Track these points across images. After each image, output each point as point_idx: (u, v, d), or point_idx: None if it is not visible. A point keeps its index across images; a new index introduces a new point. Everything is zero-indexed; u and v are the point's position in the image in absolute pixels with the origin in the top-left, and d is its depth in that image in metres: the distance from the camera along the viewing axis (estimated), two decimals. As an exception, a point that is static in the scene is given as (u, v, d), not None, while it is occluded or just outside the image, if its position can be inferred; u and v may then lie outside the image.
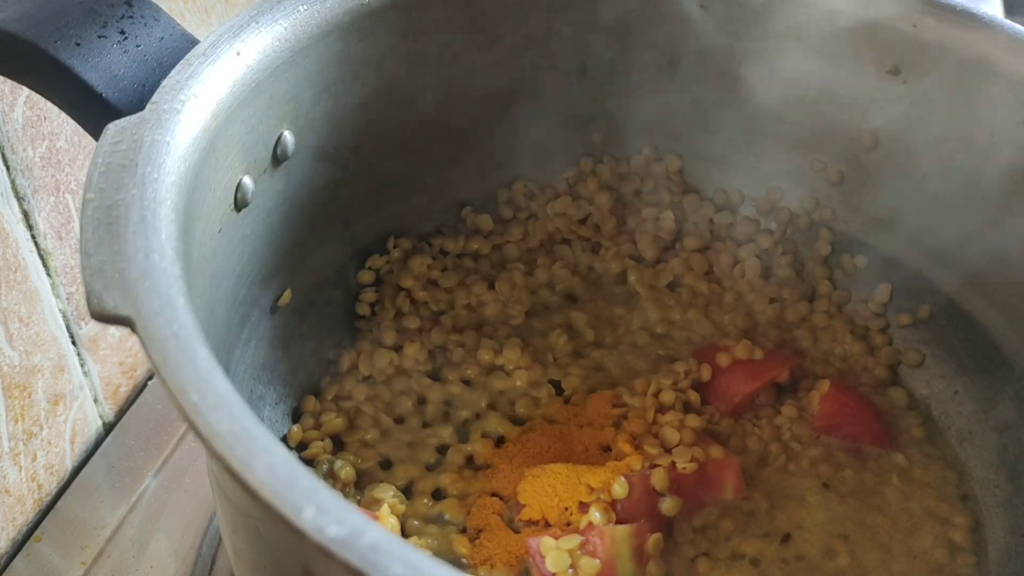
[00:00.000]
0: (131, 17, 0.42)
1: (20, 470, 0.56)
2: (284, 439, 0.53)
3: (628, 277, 0.62)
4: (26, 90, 0.50)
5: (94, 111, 0.40)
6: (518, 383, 0.56)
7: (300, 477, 0.27)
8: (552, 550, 0.46)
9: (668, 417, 0.53)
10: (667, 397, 0.54)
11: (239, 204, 0.44)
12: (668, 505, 0.50)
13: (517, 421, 0.55)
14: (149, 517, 0.58)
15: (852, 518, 0.52)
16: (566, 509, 0.49)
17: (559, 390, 0.56)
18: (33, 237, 0.54)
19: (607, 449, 0.53)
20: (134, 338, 0.31)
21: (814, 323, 0.60)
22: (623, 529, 0.47)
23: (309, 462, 0.52)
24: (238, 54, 0.42)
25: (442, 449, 0.54)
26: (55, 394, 0.57)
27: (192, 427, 0.29)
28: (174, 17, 0.44)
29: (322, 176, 0.51)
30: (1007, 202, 0.51)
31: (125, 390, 0.64)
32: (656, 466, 0.50)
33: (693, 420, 0.53)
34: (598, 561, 0.46)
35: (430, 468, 0.54)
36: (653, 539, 0.48)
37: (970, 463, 0.54)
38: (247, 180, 0.44)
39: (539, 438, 0.53)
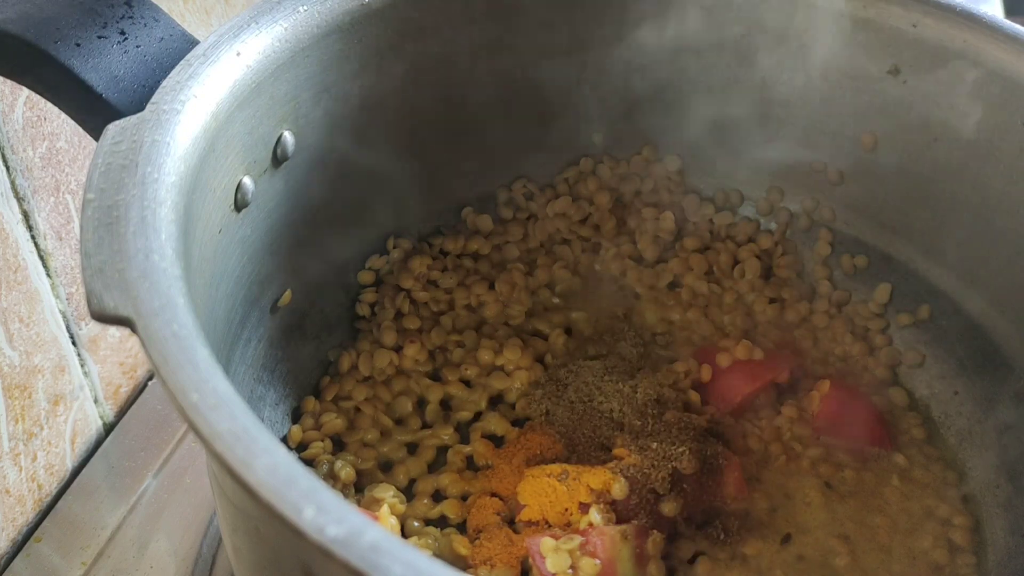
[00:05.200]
0: (131, 18, 0.42)
1: (20, 470, 0.56)
2: (284, 439, 0.53)
3: (628, 277, 0.62)
4: (26, 90, 0.50)
5: (94, 112, 0.40)
6: (518, 383, 0.56)
7: (300, 477, 0.27)
8: (552, 551, 0.46)
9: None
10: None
11: (239, 205, 0.44)
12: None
13: (517, 421, 0.55)
14: (149, 517, 0.58)
15: (852, 519, 0.52)
16: (566, 509, 0.49)
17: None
18: (33, 238, 0.54)
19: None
20: (134, 338, 0.31)
21: (814, 323, 0.60)
22: (623, 529, 0.47)
23: (309, 462, 0.52)
24: (238, 55, 0.42)
25: (442, 449, 0.54)
26: (55, 394, 0.57)
27: (192, 427, 0.29)
28: (174, 18, 0.44)
29: (322, 176, 0.51)
30: (1007, 202, 0.51)
31: (125, 390, 0.64)
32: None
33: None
34: (598, 562, 0.46)
35: (430, 468, 0.54)
36: (653, 539, 0.48)
37: (970, 463, 0.54)
38: (247, 180, 0.44)
39: (539, 438, 0.53)
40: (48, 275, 0.55)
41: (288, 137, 0.47)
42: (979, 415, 0.55)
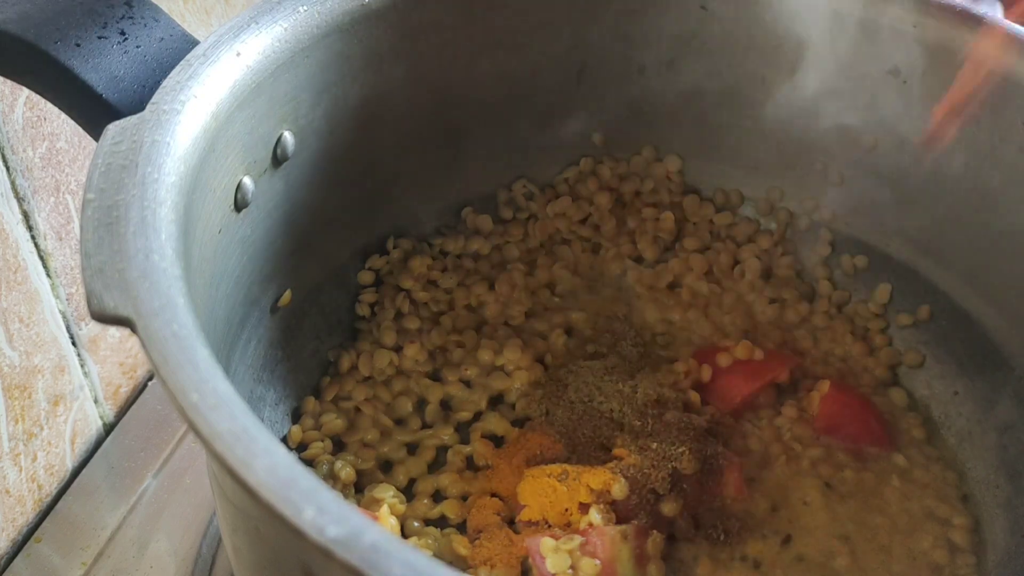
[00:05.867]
0: (131, 18, 0.42)
1: (20, 471, 0.56)
2: (284, 440, 0.53)
3: (628, 277, 0.62)
4: (26, 90, 0.50)
5: (94, 112, 0.40)
6: (518, 383, 0.56)
7: (300, 477, 0.27)
8: (552, 551, 0.46)
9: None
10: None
11: (239, 205, 0.44)
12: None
13: (517, 421, 0.55)
14: (149, 517, 0.58)
15: (852, 519, 0.51)
16: (566, 510, 0.49)
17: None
18: (33, 238, 0.54)
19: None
20: (134, 338, 0.31)
21: (814, 323, 0.60)
22: (623, 529, 0.47)
23: (309, 463, 0.52)
24: (238, 55, 0.42)
25: (442, 450, 0.54)
26: (55, 395, 0.57)
27: (192, 427, 0.29)
28: (174, 18, 0.44)
29: (322, 177, 0.51)
30: (1007, 202, 0.51)
31: (125, 391, 0.64)
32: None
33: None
34: (598, 562, 0.46)
35: (430, 469, 0.54)
36: (653, 539, 0.48)
37: (970, 463, 0.54)
38: (247, 181, 0.44)
39: (539, 438, 0.53)
40: (48, 275, 0.55)
41: (288, 137, 0.47)
42: (979, 415, 0.55)
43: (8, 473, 0.55)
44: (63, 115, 0.42)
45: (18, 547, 0.56)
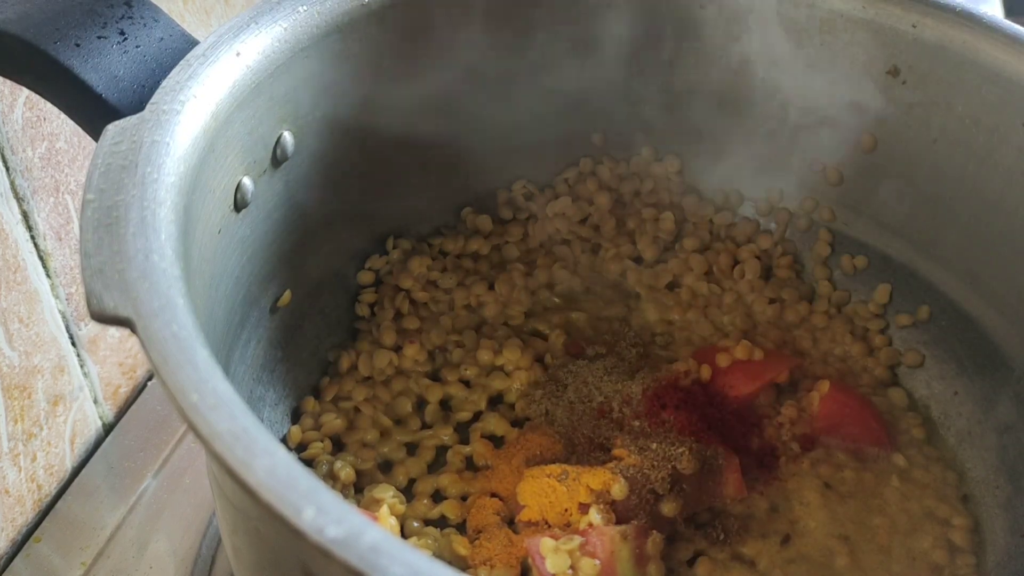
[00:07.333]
0: (131, 18, 0.42)
1: (20, 471, 0.56)
2: (284, 440, 0.53)
3: (628, 277, 0.62)
4: (26, 90, 0.50)
5: (94, 112, 0.40)
6: (518, 383, 0.56)
7: (300, 478, 0.27)
8: (552, 551, 0.46)
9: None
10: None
11: (239, 205, 0.44)
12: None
13: (517, 422, 0.55)
14: (149, 517, 0.58)
15: (852, 519, 0.51)
16: (566, 510, 0.49)
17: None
18: (33, 238, 0.54)
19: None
20: (134, 339, 0.31)
21: (814, 324, 0.60)
22: (623, 530, 0.47)
23: (309, 463, 0.52)
24: (238, 55, 0.42)
25: (442, 450, 0.54)
26: (55, 395, 0.57)
27: (192, 427, 0.29)
28: (173, 18, 0.44)
29: (322, 177, 0.51)
30: (1007, 202, 0.51)
31: (125, 391, 0.64)
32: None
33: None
34: (598, 562, 0.46)
35: (430, 469, 0.54)
36: (653, 539, 0.48)
37: (970, 464, 0.54)
38: (247, 181, 0.44)
39: (539, 438, 0.53)
40: (48, 275, 0.55)
41: (288, 137, 0.47)
42: (979, 415, 0.55)
43: (8, 473, 0.55)
44: (63, 115, 0.42)
45: (18, 547, 0.56)
